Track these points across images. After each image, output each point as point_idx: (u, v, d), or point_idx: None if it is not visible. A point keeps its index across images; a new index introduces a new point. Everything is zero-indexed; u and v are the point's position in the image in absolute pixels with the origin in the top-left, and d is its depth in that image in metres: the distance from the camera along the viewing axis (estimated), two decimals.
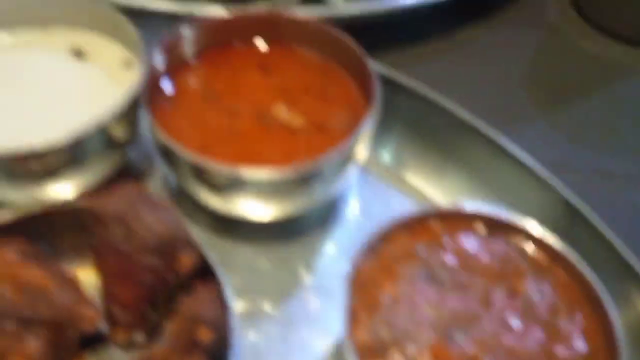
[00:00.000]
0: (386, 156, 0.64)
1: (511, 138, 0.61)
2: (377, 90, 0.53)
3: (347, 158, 0.52)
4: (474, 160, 0.61)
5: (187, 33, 0.58)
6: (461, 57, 0.78)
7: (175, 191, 0.60)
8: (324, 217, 0.60)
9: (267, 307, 0.53)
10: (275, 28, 0.60)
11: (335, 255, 0.57)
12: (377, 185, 0.62)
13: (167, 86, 0.57)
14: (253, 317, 0.52)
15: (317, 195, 0.55)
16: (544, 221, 0.50)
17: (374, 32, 0.64)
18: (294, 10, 0.75)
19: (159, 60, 0.55)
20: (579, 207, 0.56)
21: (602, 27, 0.83)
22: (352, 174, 0.56)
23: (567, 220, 0.56)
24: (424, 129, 0.64)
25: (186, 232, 0.46)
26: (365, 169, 0.62)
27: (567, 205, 0.56)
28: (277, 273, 0.55)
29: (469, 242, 0.47)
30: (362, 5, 0.74)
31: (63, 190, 0.54)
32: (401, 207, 0.60)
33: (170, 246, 0.45)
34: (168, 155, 0.53)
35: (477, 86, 0.75)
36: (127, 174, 0.59)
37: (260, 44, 0.61)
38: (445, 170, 0.63)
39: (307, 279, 0.55)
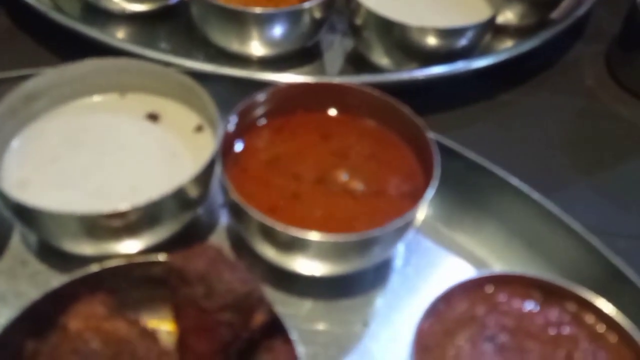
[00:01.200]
0: (432, 214, 0.68)
1: (553, 201, 0.64)
2: (437, 160, 0.57)
3: (407, 224, 0.55)
4: (520, 222, 0.64)
5: (258, 99, 0.62)
6: (502, 120, 0.82)
7: (234, 243, 0.64)
8: (377, 271, 0.63)
9: None
10: (337, 97, 0.64)
11: (390, 312, 0.60)
12: (423, 242, 0.65)
13: (236, 148, 0.62)
14: None
15: (374, 257, 0.58)
16: (592, 285, 0.53)
17: (419, 96, 0.68)
18: (348, 78, 0.81)
19: (233, 125, 0.60)
20: (626, 271, 0.59)
21: (636, 92, 0.87)
22: (408, 236, 0.60)
23: (614, 285, 0.58)
24: (469, 189, 0.67)
25: (260, 291, 0.49)
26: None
27: (615, 270, 0.59)
28: (334, 328, 0.58)
29: (526, 308, 0.50)
30: (410, 72, 0.79)
31: (133, 246, 0.58)
32: (451, 266, 0.63)
33: (246, 304, 0.48)
34: (238, 214, 0.57)
35: (518, 149, 0.79)
36: (191, 228, 0.63)
37: (322, 111, 0.65)
38: (490, 229, 0.65)
39: (364, 335, 0.58)
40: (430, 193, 0.55)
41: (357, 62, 0.87)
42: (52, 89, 0.62)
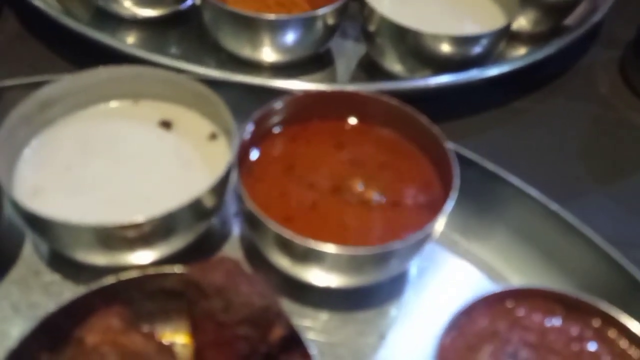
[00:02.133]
0: (448, 225, 0.67)
1: (568, 209, 0.63)
2: (457, 171, 0.56)
3: (425, 237, 0.55)
4: (538, 233, 0.63)
5: (275, 107, 0.62)
6: (516, 127, 0.82)
7: (247, 253, 0.63)
8: (393, 283, 0.62)
9: None
10: (353, 106, 0.64)
11: (406, 324, 0.59)
12: (439, 252, 0.65)
13: (251, 156, 0.61)
14: None
15: (390, 270, 0.57)
16: (611, 298, 0.52)
17: (431, 103, 0.67)
18: (361, 85, 0.81)
19: (248, 133, 0.59)
20: None
21: None
22: (425, 248, 0.59)
23: (634, 297, 0.57)
24: (485, 199, 0.66)
25: (279, 305, 0.48)
26: None
27: (635, 282, 0.58)
28: (351, 340, 0.57)
29: (548, 323, 0.49)
30: (424, 80, 0.79)
31: (147, 257, 0.57)
32: (466, 278, 0.63)
33: (264, 318, 0.47)
34: (253, 223, 0.56)
35: (532, 157, 0.78)
36: (204, 238, 0.62)
37: (338, 120, 0.65)
38: (507, 240, 0.64)
39: (381, 347, 0.57)
40: (449, 205, 0.55)
41: (369, 68, 0.87)
42: (66, 96, 0.61)
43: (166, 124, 0.64)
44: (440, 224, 0.56)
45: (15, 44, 0.86)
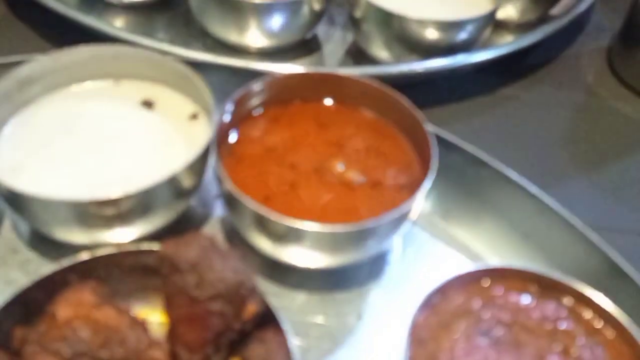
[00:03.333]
0: (429, 208, 0.67)
1: (552, 195, 0.63)
2: (435, 152, 0.56)
3: (403, 216, 0.55)
4: (518, 216, 0.63)
5: (254, 89, 0.61)
6: (502, 114, 0.82)
7: (228, 235, 0.63)
8: (373, 264, 0.62)
9: (318, 355, 0.55)
10: (334, 87, 0.64)
11: (385, 305, 0.59)
12: (420, 235, 0.64)
13: (232, 138, 0.61)
14: None
15: (369, 249, 0.57)
16: (589, 281, 0.52)
17: (418, 89, 0.67)
18: (347, 69, 0.81)
19: (228, 114, 0.59)
20: (624, 267, 0.58)
21: (636, 88, 0.86)
22: (403, 229, 0.59)
23: (612, 281, 0.57)
24: (467, 183, 0.66)
25: (253, 281, 0.48)
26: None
27: (613, 265, 0.58)
28: (329, 320, 0.58)
29: (522, 302, 0.49)
30: (410, 64, 0.78)
31: (126, 235, 0.57)
32: (447, 260, 0.63)
33: (238, 294, 0.47)
34: (232, 203, 0.56)
35: (517, 143, 0.78)
36: (185, 219, 0.62)
37: (319, 101, 0.65)
38: (487, 223, 0.65)
39: (358, 328, 0.57)
40: (427, 184, 0.54)
41: (357, 55, 0.87)
42: (46, 74, 0.61)
43: (148, 104, 0.64)
44: (418, 204, 0.56)
45: (2, 26, 0.86)
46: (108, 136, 0.61)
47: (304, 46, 0.87)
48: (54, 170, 0.58)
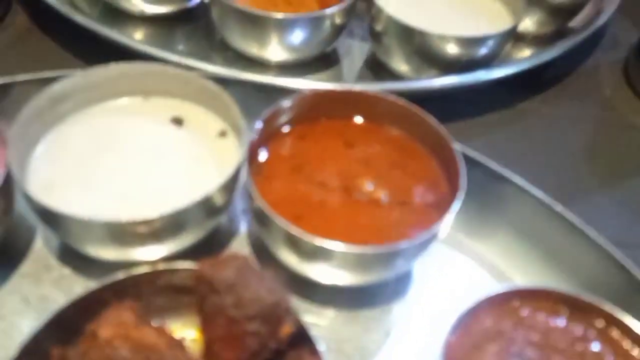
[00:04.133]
0: (452, 224, 0.67)
1: (572, 211, 0.64)
2: (463, 172, 0.57)
3: (432, 236, 0.55)
4: (542, 234, 0.64)
5: (283, 106, 0.62)
6: (520, 129, 0.83)
7: (255, 252, 0.64)
8: (397, 281, 0.62)
9: None
10: (361, 105, 0.64)
11: (410, 322, 0.60)
12: (443, 251, 0.65)
13: (261, 155, 0.62)
14: None
15: (397, 268, 0.58)
16: (613, 298, 0.53)
17: (435, 103, 0.67)
18: (367, 84, 0.81)
19: (258, 132, 0.60)
20: None
21: None
22: (431, 248, 0.60)
23: (636, 298, 0.58)
24: (490, 200, 0.67)
25: (288, 301, 0.49)
26: None
27: (638, 282, 0.59)
28: (357, 337, 0.58)
29: (552, 323, 0.50)
30: (429, 81, 0.79)
31: (156, 252, 0.58)
32: (470, 277, 0.64)
33: (274, 314, 0.48)
34: (263, 221, 0.57)
35: (536, 158, 0.79)
36: (212, 234, 0.63)
37: (346, 119, 0.65)
38: (510, 240, 0.65)
39: (387, 345, 0.58)
40: (456, 205, 0.55)
41: (375, 68, 0.87)
42: (78, 91, 0.62)
43: (177, 121, 0.64)
44: (447, 224, 0.57)
45: (24, 39, 0.87)
46: (139, 154, 0.61)
47: (323, 59, 0.87)
48: (86, 187, 0.58)
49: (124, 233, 0.54)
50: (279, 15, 0.78)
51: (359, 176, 0.60)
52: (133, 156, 0.61)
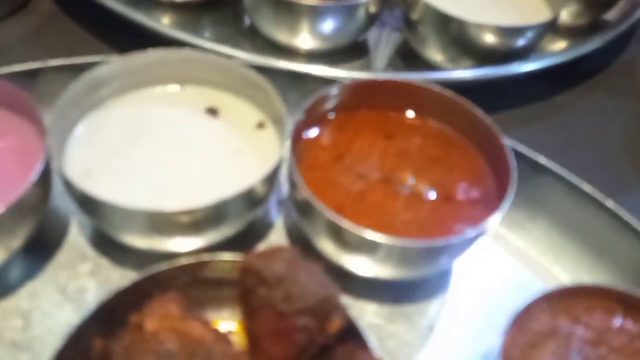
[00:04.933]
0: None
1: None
2: (514, 167, 0.55)
3: (480, 233, 0.54)
4: (589, 229, 0.63)
5: (325, 96, 0.61)
6: (558, 122, 0.81)
7: (293, 243, 0.62)
8: (439, 276, 0.61)
9: None
10: (403, 95, 0.63)
11: (453, 317, 0.59)
12: (486, 246, 0.63)
13: (302, 145, 0.60)
14: None
15: (441, 264, 0.57)
16: None
17: (470, 95, 0.65)
18: (398, 73, 0.79)
19: (301, 122, 0.58)
20: None
21: None
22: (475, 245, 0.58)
23: None
24: (534, 194, 0.65)
25: (337, 295, 0.48)
26: None
27: None
28: (402, 331, 0.57)
29: (607, 321, 0.48)
30: (464, 71, 0.78)
31: (195, 243, 0.56)
32: (512, 273, 0.62)
33: (323, 308, 0.47)
34: (306, 211, 0.55)
35: (574, 151, 0.77)
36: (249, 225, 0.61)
37: (386, 109, 0.64)
38: (556, 236, 0.64)
39: (431, 340, 0.57)
40: (507, 202, 0.54)
41: (406, 57, 0.86)
42: (115, 78, 0.61)
43: (213, 111, 0.63)
44: (495, 221, 0.55)
45: (50, 23, 0.85)
46: (175, 143, 0.60)
47: (354, 47, 0.85)
48: (123, 175, 0.57)
49: (165, 223, 0.53)
50: (313, 3, 0.76)
51: (400, 169, 0.59)
52: (169, 146, 0.60)
